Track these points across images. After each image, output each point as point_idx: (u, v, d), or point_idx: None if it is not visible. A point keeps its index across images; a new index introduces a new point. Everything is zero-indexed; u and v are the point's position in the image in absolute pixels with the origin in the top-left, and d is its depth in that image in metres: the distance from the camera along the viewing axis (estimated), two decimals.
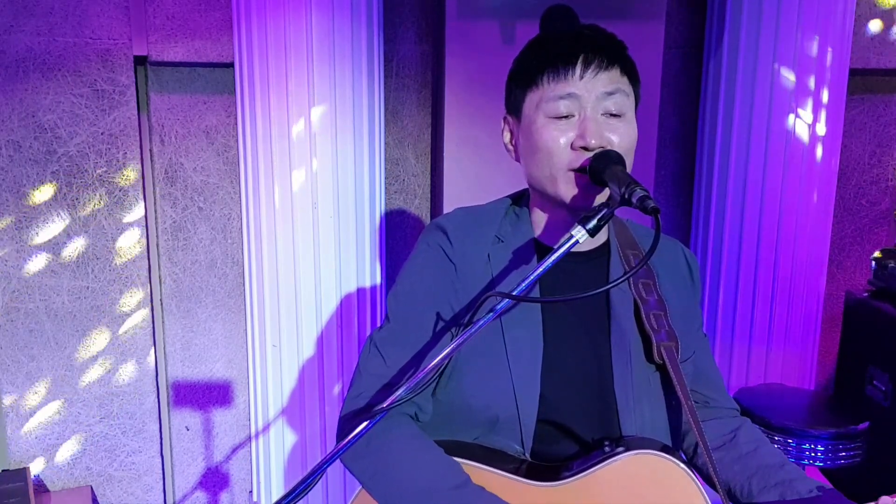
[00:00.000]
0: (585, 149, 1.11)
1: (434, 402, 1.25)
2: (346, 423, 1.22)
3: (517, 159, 1.25)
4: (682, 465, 1.13)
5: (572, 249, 1.01)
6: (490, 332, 1.18)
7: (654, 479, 1.12)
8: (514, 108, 1.22)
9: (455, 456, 1.17)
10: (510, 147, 1.26)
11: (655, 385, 1.23)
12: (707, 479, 1.26)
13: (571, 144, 1.13)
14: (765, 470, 1.23)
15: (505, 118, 1.26)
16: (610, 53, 1.14)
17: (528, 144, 1.18)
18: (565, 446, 1.19)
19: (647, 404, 1.22)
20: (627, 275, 0.99)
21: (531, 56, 1.19)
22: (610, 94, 1.13)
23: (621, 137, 1.13)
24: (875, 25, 2.68)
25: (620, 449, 1.13)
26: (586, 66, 1.12)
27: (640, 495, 1.12)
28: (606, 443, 1.15)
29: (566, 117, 1.13)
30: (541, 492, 1.13)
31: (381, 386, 1.20)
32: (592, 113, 1.12)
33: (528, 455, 1.19)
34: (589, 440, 1.19)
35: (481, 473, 1.14)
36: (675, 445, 1.28)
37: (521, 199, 1.30)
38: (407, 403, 1.14)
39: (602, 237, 1.27)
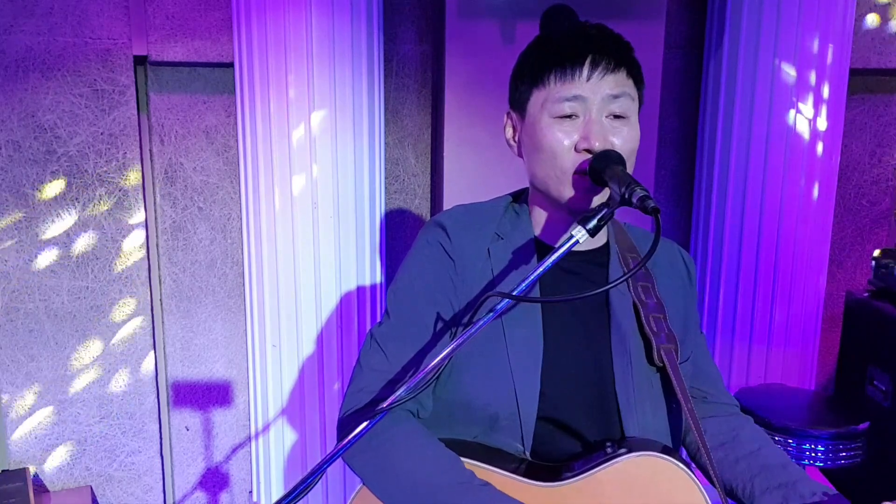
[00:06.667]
0: (589, 151, 1.11)
1: (434, 400, 1.24)
2: (347, 420, 1.21)
3: (519, 155, 1.24)
4: (684, 467, 1.12)
5: (573, 249, 1.01)
6: (491, 330, 1.17)
7: (655, 482, 1.12)
8: (518, 104, 1.21)
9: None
10: (512, 143, 1.26)
11: (656, 387, 1.23)
12: (709, 479, 1.25)
13: (575, 146, 1.12)
14: (767, 470, 1.22)
15: (508, 113, 1.25)
16: (617, 55, 1.14)
17: (532, 143, 1.18)
18: (566, 446, 1.19)
19: (649, 406, 1.21)
20: (628, 275, 0.98)
21: (538, 54, 1.18)
22: (616, 96, 1.13)
23: (624, 140, 1.13)
24: (872, 19, 2.66)
25: (623, 450, 1.12)
26: (594, 67, 1.12)
27: (641, 497, 1.12)
28: (608, 444, 1.14)
29: (570, 117, 1.13)
30: (542, 492, 1.13)
31: (382, 381, 1.19)
32: (597, 115, 1.12)
33: (528, 454, 1.18)
34: (590, 440, 1.18)
35: (482, 472, 1.14)
36: (676, 447, 1.27)
37: (520, 197, 1.29)
38: (408, 401, 1.13)
39: (602, 238, 1.27)
